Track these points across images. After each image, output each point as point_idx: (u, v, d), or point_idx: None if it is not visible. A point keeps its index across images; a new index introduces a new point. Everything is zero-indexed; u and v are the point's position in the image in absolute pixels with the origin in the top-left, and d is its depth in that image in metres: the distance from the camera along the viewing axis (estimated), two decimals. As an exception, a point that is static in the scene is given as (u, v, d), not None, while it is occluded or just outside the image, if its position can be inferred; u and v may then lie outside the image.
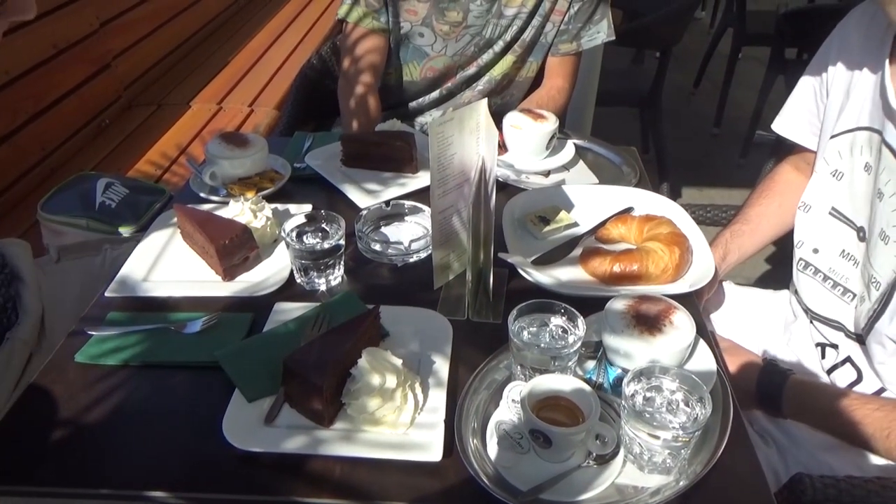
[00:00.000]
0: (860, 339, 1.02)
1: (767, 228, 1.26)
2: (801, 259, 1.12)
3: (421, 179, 1.27)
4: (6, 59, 1.89)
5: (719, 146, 3.48)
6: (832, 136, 1.06)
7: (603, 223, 1.12)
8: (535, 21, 1.51)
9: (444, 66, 1.54)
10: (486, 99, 0.91)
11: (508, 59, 1.55)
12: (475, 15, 1.48)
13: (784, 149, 1.28)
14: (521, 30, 1.51)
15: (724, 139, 3.52)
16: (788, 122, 1.22)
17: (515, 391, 0.77)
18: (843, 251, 1.05)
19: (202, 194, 1.23)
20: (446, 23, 1.48)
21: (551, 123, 1.30)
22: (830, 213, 1.07)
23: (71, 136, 2.12)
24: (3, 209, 1.83)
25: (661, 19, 2.65)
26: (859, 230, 1.03)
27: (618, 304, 0.84)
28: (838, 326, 1.07)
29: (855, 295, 1.03)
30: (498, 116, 1.30)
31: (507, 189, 1.24)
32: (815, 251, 1.10)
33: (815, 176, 1.09)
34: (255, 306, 0.96)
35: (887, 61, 0.95)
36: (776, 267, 2.23)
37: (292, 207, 1.18)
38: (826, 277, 1.08)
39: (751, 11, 3.45)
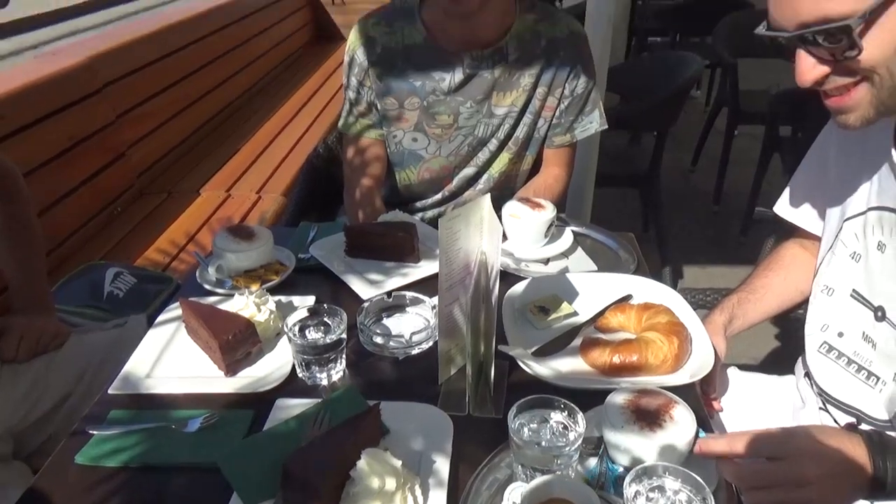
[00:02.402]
0: (889, 425, 1.00)
1: (772, 300, 1.26)
2: (824, 342, 1.12)
3: (423, 269, 1.30)
4: (24, 152, 1.97)
5: (720, 223, 3.52)
6: (846, 219, 1.08)
7: (602, 312, 1.14)
8: (527, 118, 1.55)
9: (440, 167, 1.59)
10: (489, 195, 0.94)
11: (505, 157, 1.59)
12: (465, 116, 1.53)
13: (785, 226, 1.30)
14: (514, 127, 1.55)
15: (724, 216, 3.56)
16: (790, 206, 1.24)
17: (517, 493, 0.76)
18: (864, 333, 1.05)
19: (207, 286, 1.25)
20: (438, 126, 1.54)
21: (549, 212, 1.33)
22: (851, 296, 1.07)
23: (83, 225, 2.18)
24: (12, 298, 1.86)
25: (656, 104, 2.74)
26: (877, 310, 1.02)
27: (618, 399, 0.84)
28: (855, 413, 1.05)
29: (879, 378, 1.02)
30: (498, 205, 1.34)
31: (507, 278, 1.26)
32: (840, 335, 1.09)
33: (835, 259, 1.10)
34: (257, 402, 0.97)
35: (893, 149, 0.97)
36: (781, 349, 2.22)
37: (296, 299, 1.20)
38: (850, 361, 1.07)
39: (744, 91, 3.55)
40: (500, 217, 1.32)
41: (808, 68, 0.82)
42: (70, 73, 2.22)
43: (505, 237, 1.35)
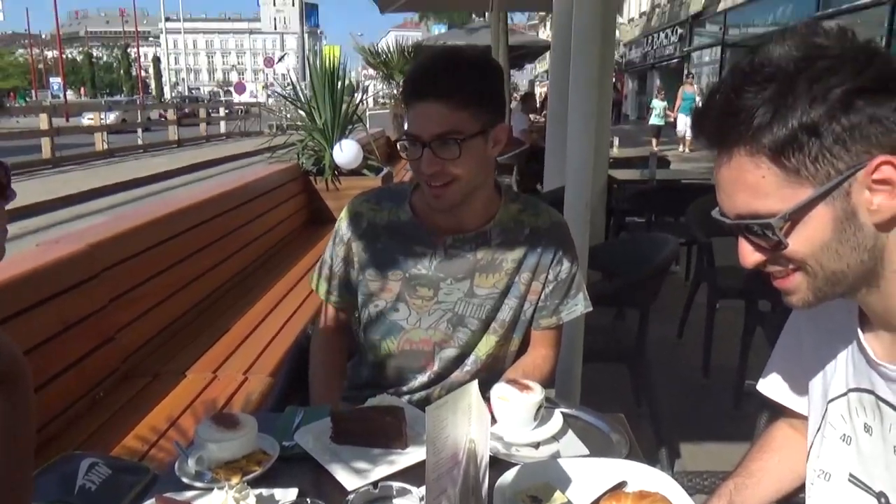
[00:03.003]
0: None
1: (769, 485, 1.22)
2: None
3: (411, 455, 1.26)
4: (14, 337, 1.95)
5: (711, 397, 3.49)
6: (830, 400, 1.07)
7: (597, 501, 1.10)
8: (512, 302, 1.60)
9: (420, 339, 1.61)
10: (476, 381, 0.95)
11: (492, 339, 1.62)
12: (445, 292, 1.58)
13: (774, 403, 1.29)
14: (495, 309, 1.60)
15: (714, 389, 3.54)
16: (773, 385, 1.24)
17: None
18: None
19: (186, 480, 1.21)
20: (419, 297, 1.59)
21: (538, 394, 1.33)
22: (850, 481, 1.04)
23: (63, 412, 2.12)
24: (-21, 493, 1.76)
25: (637, 282, 2.84)
26: (879, 496, 0.99)
27: None
28: None
29: None
30: (487, 387, 1.34)
31: (497, 464, 1.22)
32: None
33: (826, 441, 1.08)
34: None
35: (859, 330, 1.00)
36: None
37: (278, 492, 1.15)
38: None
39: (721, 267, 3.71)
40: (488, 399, 1.33)
41: (747, 253, 0.90)
42: (70, 259, 2.29)
43: (494, 420, 1.34)
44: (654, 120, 17.70)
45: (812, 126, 0.80)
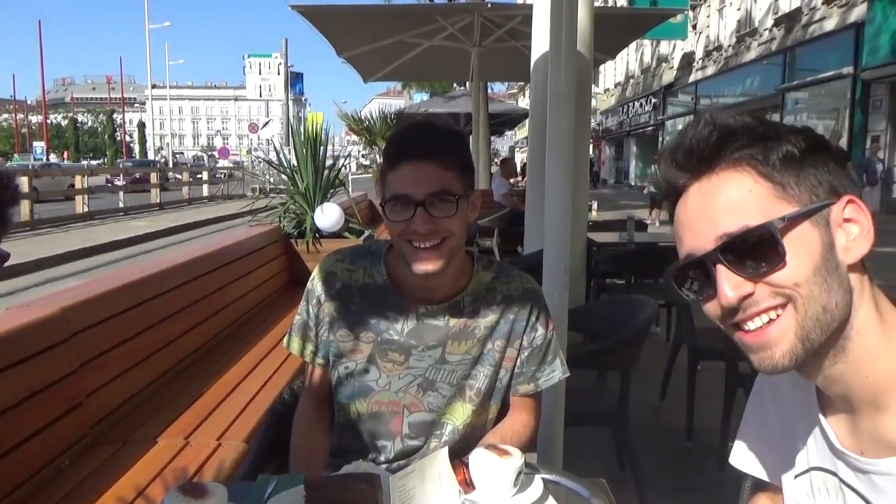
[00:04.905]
0: None
1: None
2: None
3: (386, 525, 1.22)
4: (-24, 403, 1.89)
5: (695, 460, 3.44)
6: (796, 476, 1.05)
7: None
8: (487, 370, 1.59)
9: (390, 401, 1.58)
10: (445, 448, 0.92)
11: (468, 408, 1.59)
12: (416, 359, 1.56)
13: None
14: (466, 375, 1.58)
15: (699, 452, 3.50)
16: (744, 458, 1.21)
17: None
18: None
19: (150, 554, 1.15)
20: (389, 361, 1.57)
21: (517, 460, 1.30)
22: None
23: (22, 484, 2.01)
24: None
25: (617, 345, 2.83)
26: None
27: None
28: None
29: None
30: (465, 454, 1.31)
31: (476, 534, 1.19)
32: None
33: None
34: None
35: (820, 414, 0.98)
36: None
37: (246, 566, 1.10)
38: None
39: (700, 329, 3.71)
40: (466, 465, 1.29)
41: (734, 285, 0.83)
42: (40, 323, 2.23)
43: (472, 487, 1.30)
44: (654, 188, 16.30)
45: (801, 152, 0.84)
